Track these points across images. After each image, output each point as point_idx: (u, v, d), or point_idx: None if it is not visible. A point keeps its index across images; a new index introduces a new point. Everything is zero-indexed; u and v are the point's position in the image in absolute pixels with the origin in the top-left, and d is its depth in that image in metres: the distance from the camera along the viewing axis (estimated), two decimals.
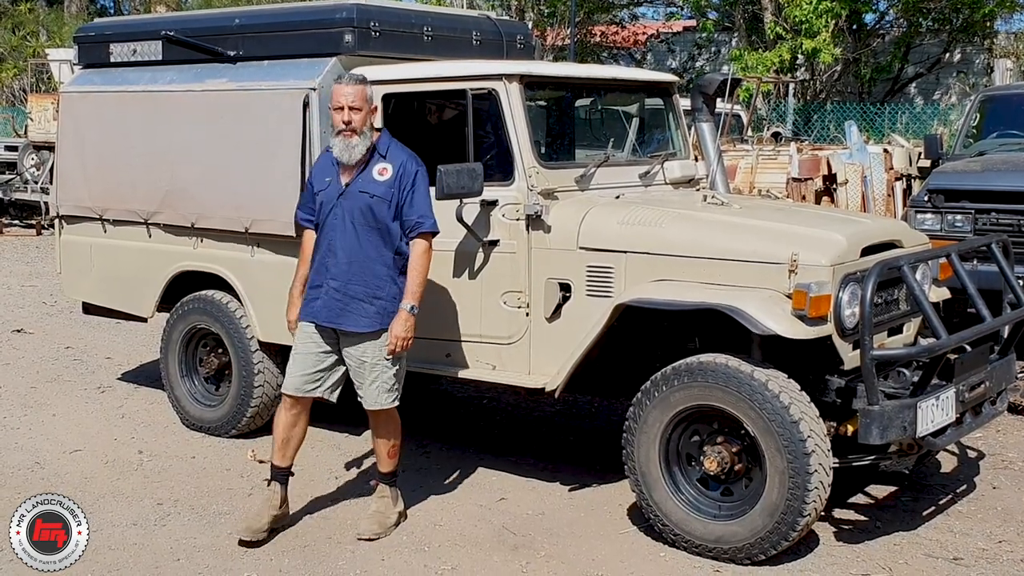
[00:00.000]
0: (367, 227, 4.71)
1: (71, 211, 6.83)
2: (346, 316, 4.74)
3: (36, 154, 17.18)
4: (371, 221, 4.71)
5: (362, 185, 4.72)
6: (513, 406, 6.97)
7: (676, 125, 6.13)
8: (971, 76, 21.20)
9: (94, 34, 6.86)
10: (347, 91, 4.67)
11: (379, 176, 4.73)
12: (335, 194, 4.75)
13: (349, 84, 4.70)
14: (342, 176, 4.76)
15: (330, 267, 4.74)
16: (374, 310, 4.73)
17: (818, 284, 4.40)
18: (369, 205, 4.70)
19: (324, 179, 4.82)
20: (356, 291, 4.72)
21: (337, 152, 4.71)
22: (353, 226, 4.71)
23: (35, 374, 7.84)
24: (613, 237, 4.93)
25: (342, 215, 4.72)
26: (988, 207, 7.71)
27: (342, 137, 4.68)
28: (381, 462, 5.01)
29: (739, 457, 4.54)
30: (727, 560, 4.54)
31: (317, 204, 4.82)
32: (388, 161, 4.75)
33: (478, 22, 6.42)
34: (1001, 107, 9.65)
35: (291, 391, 4.85)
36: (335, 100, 4.70)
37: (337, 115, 4.69)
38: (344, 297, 4.72)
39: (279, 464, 4.92)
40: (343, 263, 4.72)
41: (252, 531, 4.78)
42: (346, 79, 4.74)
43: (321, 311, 4.76)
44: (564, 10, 21.76)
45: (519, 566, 4.58)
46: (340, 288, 4.72)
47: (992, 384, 4.95)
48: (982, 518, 5.09)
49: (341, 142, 4.69)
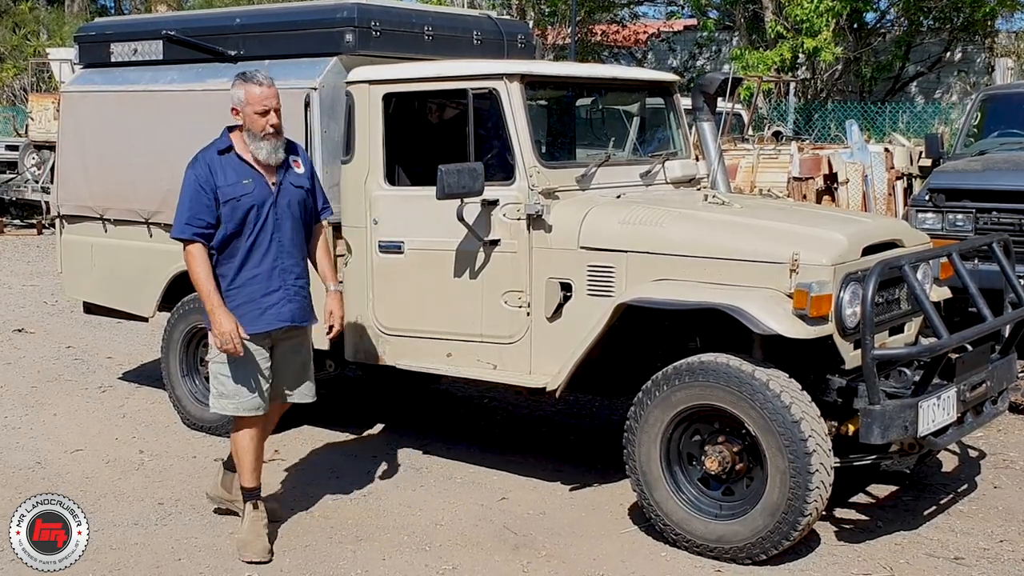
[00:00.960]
0: (302, 220, 4.69)
1: (72, 211, 6.83)
2: (308, 312, 4.76)
3: (37, 154, 17.19)
4: (305, 214, 4.70)
5: (293, 180, 4.66)
6: (514, 405, 6.97)
7: (677, 124, 6.12)
8: (972, 75, 21.20)
9: (95, 33, 6.86)
10: (269, 94, 4.51)
11: (297, 169, 4.70)
12: (267, 195, 4.57)
13: (267, 86, 4.52)
14: (265, 175, 4.58)
15: (288, 268, 4.62)
16: (311, 300, 4.79)
17: (819, 284, 4.39)
18: (303, 198, 4.69)
19: (240, 182, 4.53)
20: (306, 285, 4.75)
21: (264, 155, 4.53)
22: (295, 222, 4.65)
23: (36, 374, 7.84)
24: (614, 237, 4.93)
25: (283, 213, 4.59)
26: (989, 206, 7.70)
27: (268, 140, 4.53)
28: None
29: (740, 457, 4.54)
30: (728, 560, 4.54)
31: (237, 210, 4.50)
32: (294, 153, 4.73)
33: (479, 21, 6.42)
34: (1002, 106, 9.64)
35: (257, 411, 4.67)
36: (258, 104, 4.48)
37: (262, 119, 4.49)
38: (304, 293, 4.72)
39: (254, 485, 4.76)
40: (299, 260, 4.68)
41: (263, 551, 4.61)
42: (261, 79, 4.53)
43: (297, 314, 4.68)
44: (565, 9, 21.77)
45: (520, 565, 4.58)
46: (305, 286, 4.71)
47: (993, 383, 4.94)
48: (983, 517, 5.09)
49: (268, 145, 4.53)
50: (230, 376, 4.62)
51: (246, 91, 4.51)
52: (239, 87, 4.54)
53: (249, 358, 4.60)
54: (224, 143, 4.61)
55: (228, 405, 4.66)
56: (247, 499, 4.77)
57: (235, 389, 4.63)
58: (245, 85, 4.52)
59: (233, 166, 4.56)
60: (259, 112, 4.50)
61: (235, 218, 4.51)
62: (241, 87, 4.53)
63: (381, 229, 5.50)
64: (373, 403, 6.95)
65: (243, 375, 4.62)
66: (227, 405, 4.67)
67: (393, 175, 5.65)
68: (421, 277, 5.40)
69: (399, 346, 5.56)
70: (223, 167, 4.55)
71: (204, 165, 4.55)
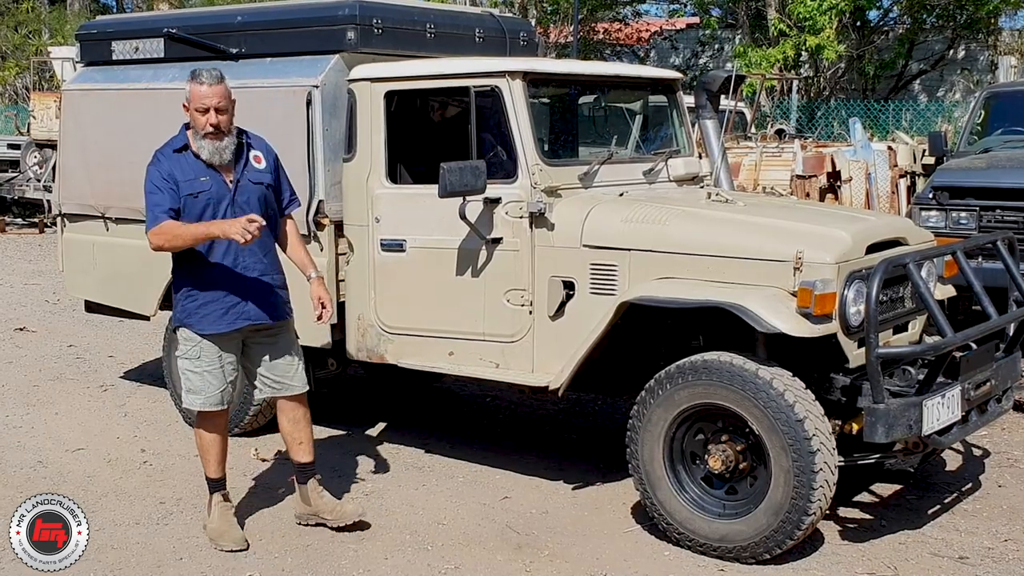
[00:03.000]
0: (265, 216, 4.57)
1: (73, 209, 6.82)
2: (279, 308, 4.70)
3: (39, 152, 17.18)
4: (268, 209, 4.64)
5: (252, 176, 4.61)
6: (516, 404, 6.95)
7: (680, 122, 6.11)
8: (975, 73, 21.17)
9: (96, 32, 6.85)
10: (208, 92, 4.44)
11: (257, 164, 4.64)
12: (224, 192, 4.53)
13: (211, 84, 4.45)
14: (221, 173, 4.56)
15: (250, 266, 4.58)
16: (286, 295, 4.75)
17: (823, 282, 4.38)
18: (264, 194, 4.64)
19: (198, 179, 4.51)
20: (277, 281, 4.70)
21: (207, 155, 4.50)
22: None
23: (37, 372, 7.83)
24: (617, 235, 4.91)
25: (241, 211, 4.52)
26: (993, 204, 7.68)
27: (209, 140, 4.49)
28: (309, 451, 4.86)
29: (743, 455, 4.53)
30: (731, 559, 4.53)
31: (195, 207, 4.51)
32: (256, 149, 4.67)
33: (481, 19, 6.41)
34: (1006, 104, 9.63)
35: (215, 407, 4.70)
36: (197, 102, 4.45)
37: (202, 118, 4.45)
38: (272, 291, 4.67)
39: (219, 475, 4.82)
40: (261, 257, 4.63)
41: (236, 540, 4.71)
42: (205, 77, 4.46)
43: (260, 313, 4.64)
44: (567, 7, 21.77)
45: (522, 565, 4.57)
46: (270, 282, 4.66)
47: (998, 382, 4.93)
48: (988, 516, 5.07)
49: (210, 145, 4.49)
50: (196, 371, 4.66)
51: (190, 88, 4.52)
52: (187, 84, 4.55)
53: (211, 356, 4.64)
54: (180, 141, 4.61)
55: (195, 400, 4.70)
56: (214, 489, 4.82)
57: (200, 385, 4.67)
58: (191, 83, 4.52)
59: (190, 163, 4.55)
60: (199, 110, 4.49)
61: (192, 215, 4.51)
62: (188, 84, 4.54)
63: (383, 227, 5.48)
64: (375, 402, 6.94)
65: (206, 372, 4.66)
66: (194, 400, 4.70)
67: (395, 173, 5.63)
68: (423, 275, 5.39)
69: (401, 345, 5.54)
70: (180, 165, 4.54)
71: (160, 163, 4.56)
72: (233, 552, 4.67)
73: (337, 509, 4.83)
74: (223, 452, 4.84)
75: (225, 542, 4.71)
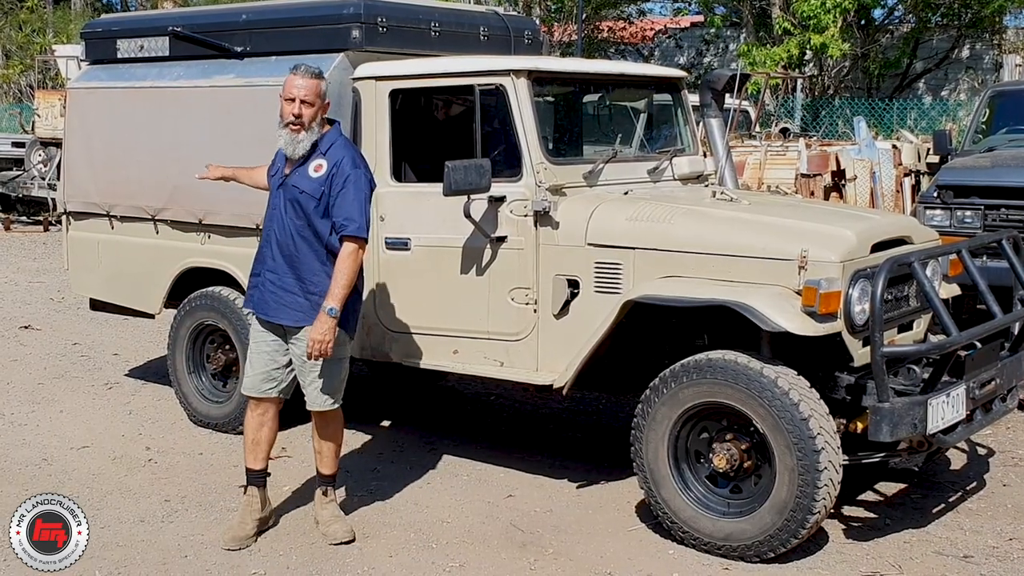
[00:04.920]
0: (297, 221, 4.61)
1: (78, 207, 6.83)
2: (281, 310, 4.66)
3: (43, 150, 17.19)
4: (300, 215, 4.62)
5: (295, 179, 4.63)
6: (521, 403, 6.95)
7: (685, 121, 6.10)
8: (980, 72, 21.14)
9: (101, 30, 6.85)
10: (300, 83, 4.53)
11: (313, 172, 4.60)
12: (276, 184, 4.70)
13: (304, 76, 4.54)
14: (286, 168, 4.68)
15: (266, 258, 4.69)
16: (308, 304, 4.60)
17: (828, 280, 4.38)
18: (297, 199, 4.61)
19: (276, 165, 4.75)
20: (290, 284, 4.64)
21: (282, 144, 4.61)
22: (286, 218, 4.63)
23: (42, 370, 7.84)
24: (622, 233, 4.91)
25: (279, 206, 4.65)
26: (998, 203, 7.67)
27: (289, 131, 4.56)
28: (326, 464, 4.86)
29: (748, 454, 4.53)
30: (736, 558, 4.52)
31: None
32: (325, 158, 4.62)
33: (485, 17, 6.40)
34: (1010, 103, 9.61)
35: (250, 392, 4.77)
36: (287, 91, 4.55)
37: (287, 106, 4.54)
38: (279, 290, 4.65)
39: (253, 467, 4.82)
40: (277, 255, 4.66)
41: (238, 540, 4.72)
42: (302, 71, 4.57)
43: (258, 304, 4.72)
44: (571, 6, 21.78)
45: (527, 563, 4.57)
46: (276, 281, 4.65)
47: (1003, 381, 4.92)
48: (992, 515, 5.07)
49: (288, 135, 4.57)
50: (248, 353, 4.83)
51: (287, 78, 4.63)
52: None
53: (258, 341, 4.76)
54: None
55: (243, 380, 4.86)
56: (246, 481, 4.86)
57: (247, 366, 4.82)
58: (289, 73, 4.63)
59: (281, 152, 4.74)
60: (287, 98, 4.58)
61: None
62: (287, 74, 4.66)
63: (387, 226, 5.48)
64: (379, 400, 6.95)
65: (253, 354, 4.79)
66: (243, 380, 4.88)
67: (400, 171, 5.63)
68: (427, 274, 5.39)
69: (405, 343, 5.55)
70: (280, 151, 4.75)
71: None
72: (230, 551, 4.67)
73: (328, 524, 4.81)
74: (256, 443, 4.79)
75: (225, 540, 4.73)
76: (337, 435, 4.87)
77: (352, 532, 4.77)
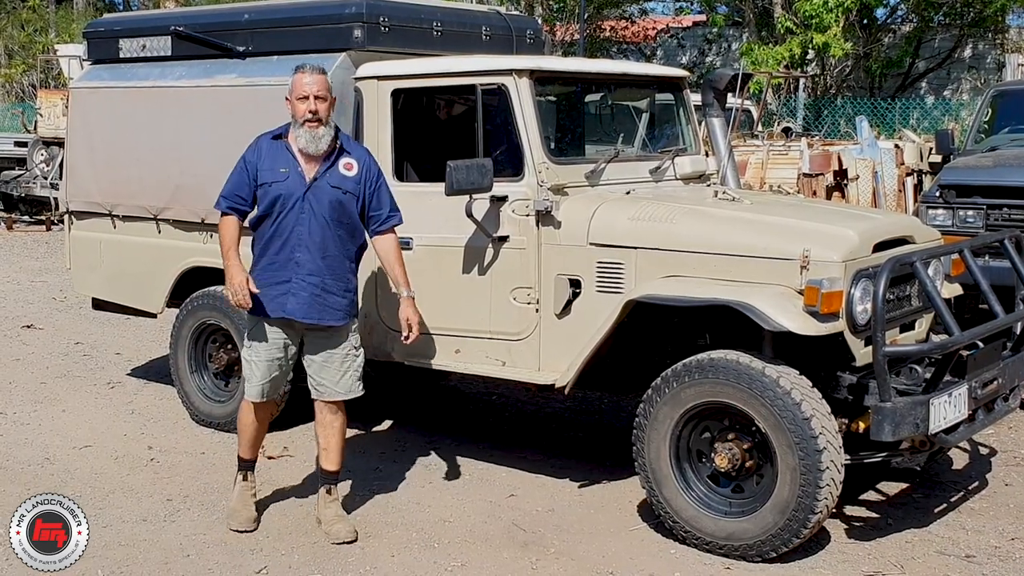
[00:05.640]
0: (337, 222, 4.66)
1: (80, 207, 6.84)
2: (326, 311, 4.70)
3: (46, 150, 17.20)
4: (342, 216, 4.68)
5: (333, 180, 4.66)
6: (522, 402, 6.95)
7: (687, 120, 6.10)
8: (982, 71, 21.13)
9: (103, 30, 6.86)
10: (310, 80, 4.62)
11: (346, 171, 4.68)
12: (299, 187, 4.63)
13: (312, 73, 4.64)
14: (305, 168, 4.66)
15: (302, 263, 4.65)
16: (346, 303, 4.75)
17: (830, 280, 4.38)
18: (340, 200, 4.66)
19: (277, 169, 4.66)
20: (331, 285, 4.69)
21: (304, 143, 4.63)
22: (325, 220, 4.64)
23: (45, 370, 7.85)
24: (623, 233, 4.91)
25: (311, 209, 4.63)
26: (1000, 203, 7.66)
27: (307, 128, 4.61)
28: (332, 460, 4.88)
29: (750, 454, 4.52)
30: (738, 557, 4.52)
31: (267, 195, 4.64)
32: (352, 157, 4.73)
33: (488, 17, 6.40)
34: (1013, 102, 9.59)
35: (257, 399, 4.84)
36: (298, 90, 4.62)
37: (301, 105, 4.60)
38: (323, 293, 4.68)
39: (249, 457, 5.00)
40: (317, 258, 4.66)
41: (247, 521, 4.87)
42: (308, 69, 4.66)
43: (298, 309, 4.67)
44: (573, 5, 21.76)
45: (529, 563, 4.57)
46: (318, 284, 4.66)
47: (1005, 381, 4.91)
48: (994, 515, 5.07)
49: (307, 133, 4.61)
50: (248, 360, 4.85)
51: (293, 79, 4.69)
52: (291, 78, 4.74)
53: (261, 349, 4.77)
54: (281, 130, 4.77)
55: (245, 387, 4.90)
56: (240, 469, 4.99)
57: (248, 374, 4.84)
58: (294, 75, 4.70)
59: (279, 153, 4.71)
60: (299, 98, 4.63)
61: (264, 202, 4.68)
62: (292, 76, 4.72)
63: None
64: (381, 400, 6.94)
65: (255, 362, 4.81)
66: (244, 387, 4.91)
67: (402, 171, 5.63)
68: (429, 273, 5.39)
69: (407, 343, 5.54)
70: (271, 151, 4.72)
71: (256, 147, 4.77)
72: (239, 532, 4.80)
73: (331, 523, 4.82)
74: (256, 438, 4.99)
75: (233, 522, 4.86)
76: (344, 428, 4.93)
77: (355, 532, 4.78)
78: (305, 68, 4.68)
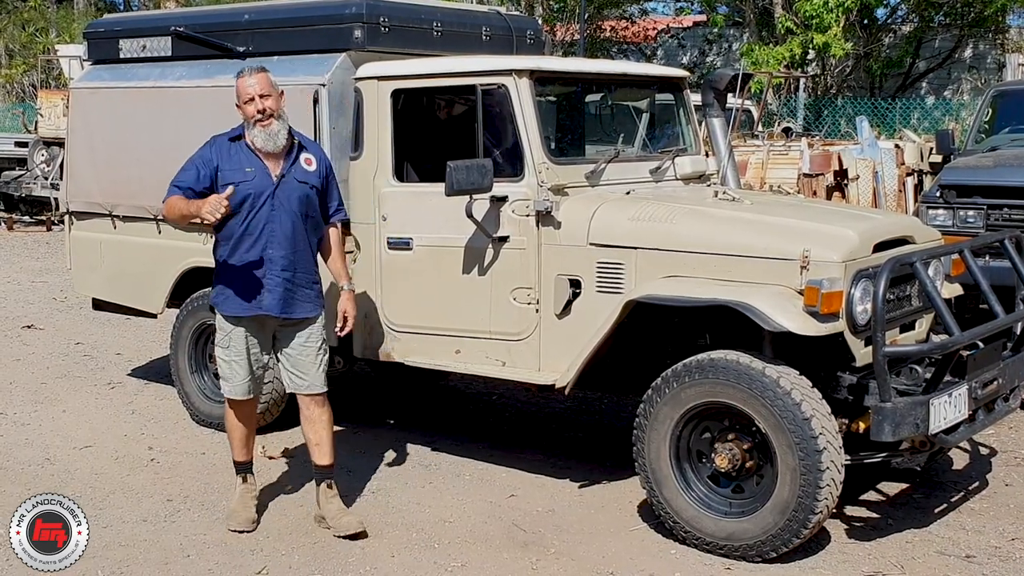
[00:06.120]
0: (305, 216, 4.73)
1: (81, 207, 6.84)
2: (296, 304, 4.76)
3: (46, 150, 17.20)
4: (310, 210, 4.75)
5: (298, 175, 4.72)
6: (523, 402, 6.95)
7: (687, 121, 6.10)
8: (983, 71, 21.13)
9: (104, 30, 6.86)
10: (251, 82, 4.64)
11: (307, 166, 4.76)
12: (268, 184, 4.66)
13: (251, 75, 4.67)
14: (270, 166, 4.68)
15: (275, 259, 4.68)
16: (314, 294, 4.82)
17: (830, 280, 4.37)
18: (308, 194, 4.73)
19: (243, 169, 4.66)
20: (301, 279, 4.75)
21: (261, 142, 4.64)
22: (295, 215, 4.69)
23: (45, 370, 7.85)
24: (624, 233, 4.91)
25: (281, 205, 4.67)
26: (1000, 203, 7.65)
27: (260, 127, 4.63)
28: (325, 454, 4.89)
29: (750, 454, 4.52)
30: (738, 557, 4.52)
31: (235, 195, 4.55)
32: (309, 152, 4.81)
33: (488, 17, 6.40)
34: (1013, 102, 9.59)
35: (239, 396, 4.89)
36: (243, 94, 4.65)
37: (249, 107, 4.63)
38: (296, 287, 4.74)
39: (244, 459, 5.03)
40: (289, 253, 4.70)
41: (247, 521, 4.89)
42: (247, 71, 4.69)
43: (275, 304, 4.71)
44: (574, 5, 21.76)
45: (529, 563, 4.57)
46: (291, 278, 4.72)
47: (1005, 381, 4.91)
48: (995, 515, 5.07)
49: (262, 132, 4.63)
50: (225, 360, 4.85)
51: (236, 85, 4.71)
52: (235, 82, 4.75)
53: (239, 347, 4.80)
54: (237, 131, 4.77)
55: (225, 387, 4.92)
56: (238, 473, 5.03)
57: (229, 373, 4.86)
58: (236, 80, 4.72)
59: (241, 153, 4.71)
60: (245, 101, 4.66)
61: (232, 203, 4.59)
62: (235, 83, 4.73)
63: (390, 225, 5.49)
64: (382, 400, 6.95)
65: (234, 361, 4.83)
66: (225, 387, 4.93)
67: (402, 171, 5.64)
68: (430, 273, 5.39)
69: (407, 343, 5.55)
70: (231, 152, 4.73)
71: (212, 147, 4.75)
72: (238, 533, 4.81)
73: (338, 518, 4.84)
74: (247, 438, 5.02)
75: (232, 522, 4.89)
76: (331, 420, 4.95)
77: (362, 524, 4.80)
78: (244, 71, 4.71)
